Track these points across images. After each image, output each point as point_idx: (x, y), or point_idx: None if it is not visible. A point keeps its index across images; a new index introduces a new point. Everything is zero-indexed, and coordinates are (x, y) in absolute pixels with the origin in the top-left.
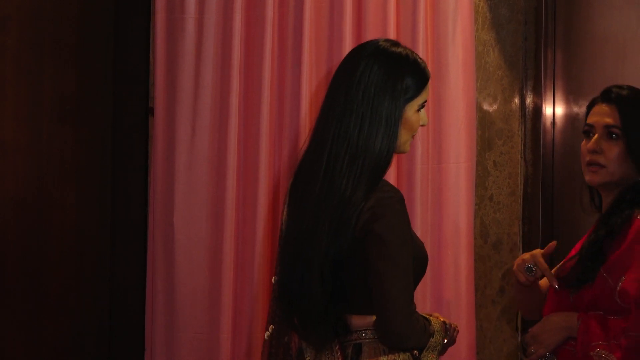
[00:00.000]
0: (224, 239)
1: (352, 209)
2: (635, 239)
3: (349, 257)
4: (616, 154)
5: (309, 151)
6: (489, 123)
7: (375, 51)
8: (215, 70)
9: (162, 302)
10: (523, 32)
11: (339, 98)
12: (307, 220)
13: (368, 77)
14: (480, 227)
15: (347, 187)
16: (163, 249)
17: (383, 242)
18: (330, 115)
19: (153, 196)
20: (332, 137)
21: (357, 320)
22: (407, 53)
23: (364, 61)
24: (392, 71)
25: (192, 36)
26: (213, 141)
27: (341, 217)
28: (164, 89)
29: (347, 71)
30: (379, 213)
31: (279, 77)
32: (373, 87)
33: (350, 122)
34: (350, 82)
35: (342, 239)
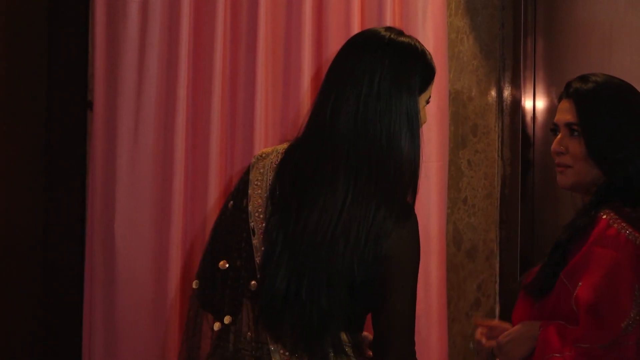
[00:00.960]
0: (170, 247)
1: (385, 226)
2: (595, 241)
3: (373, 277)
4: (580, 153)
5: (307, 149)
6: (463, 118)
7: (381, 43)
8: (161, 59)
9: (101, 318)
10: (500, 18)
11: (349, 96)
12: (329, 229)
13: (380, 71)
14: (453, 232)
15: (379, 205)
16: (102, 257)
17: (401, 274)
18: (339, 114)
19: (91, 199)
20: (347, 137)
21: (357, 338)
22: (415, 43)
23: (370, 54)
24: (403, 64)
25: (136, 21)
26: (158, 138)
27: (368, 236)
28: (104, 80)
29: (352, 66)
30: (401, 239)
31: (231, 66)
32: (388, 82)
33: (370, 121)
34: (360, 77)
35: (371, 254)
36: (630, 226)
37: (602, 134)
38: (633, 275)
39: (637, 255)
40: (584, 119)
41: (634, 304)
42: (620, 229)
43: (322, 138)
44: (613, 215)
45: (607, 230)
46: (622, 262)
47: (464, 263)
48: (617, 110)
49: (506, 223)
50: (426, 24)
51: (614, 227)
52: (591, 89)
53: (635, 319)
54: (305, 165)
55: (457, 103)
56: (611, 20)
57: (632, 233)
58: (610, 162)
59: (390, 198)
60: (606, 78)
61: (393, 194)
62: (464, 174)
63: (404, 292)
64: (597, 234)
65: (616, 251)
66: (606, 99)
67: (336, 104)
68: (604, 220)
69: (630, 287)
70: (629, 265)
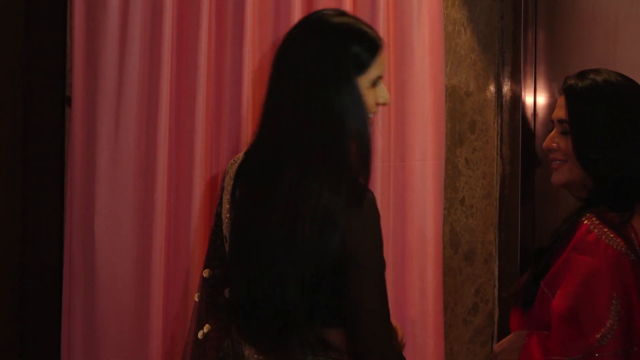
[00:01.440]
0: (153, 250)
1: (333, 210)
2: (574, 247)
3: (331, 267)
4: (569, 151)
5: (258, 145)
6: (460, 114)
7: (314, 23)
8: (143, 52)
9: (81, 324)
10: (499, 10)
11: (284, 82)
12: (275, 223)
13: (309, 53)
14: (450, 234)
15: (322, 187)
16: (82, 260)
17: (360, 260)
18: (279, 102)
19: (70, 199)
20: (287, 128)
21: (337, 337)
22: (352, 22)
23: (303, 35)
24: (334, 44)
25: (116, 12)
26: (140, 135)
27: (323, 221)
28: (83, 74)
29: (287, 48)
30: (355, 224)
31: (216, 60)
32: (316, 68)
33: (304, 110)
34: (292, 61)
35: (323, 244)
36: (612, 231)
37: (588, 134)
38: (612, 283)
39: (617, 262)
40: (573, 117)
41: (611, 313)
42: (600, 235)
43: (267, 134)
44: (594, 220)
45: (587, 236)
46: (600, 269)
47: (462, 267)
48: (608, 112)
49: (505, 225)
50: (421, 16)
51: (594, 233)
52: (585, 86)
53: (613, 329)
54: (256, 163)
55: (454, 99)
56: (616, 11)
57: (613, 239)
58: (593, 163)
59: (336, 184)
60: (606, 76)
61: (338, 179)
62: (462, 173)
63: (365, 280)
64: (576, 240)
65: (595, 258)
66: (598, 98)
67: (276, 97)
68: (584, 225)
69: (608, 296)
70: (608, 273)
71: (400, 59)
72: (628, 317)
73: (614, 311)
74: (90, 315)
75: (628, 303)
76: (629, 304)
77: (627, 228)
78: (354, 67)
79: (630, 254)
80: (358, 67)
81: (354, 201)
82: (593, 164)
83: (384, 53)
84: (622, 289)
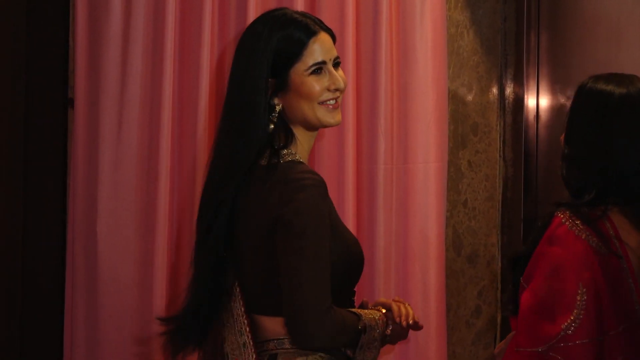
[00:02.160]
0: (156, 251)
1: (220, 195)
2: (546, 239)
3: (259, 247)
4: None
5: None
6: (463, 117)
7: (249, 26)
8: (145, 54)
9: (83, 326)
10: (502, 12)
11: (229, 86)
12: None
13: (240, 52)
14: (453, 237)
15: (215, 173)
16: (84, 261)
17: (291, 230)
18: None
19: (73, 200)
20: (220, 129)
21: (271, 323)
22: (282, 14)
23: (240, 39)
24: (254, 39)
25: (119, 14)
26: (143, 136)
27: (213, 206)
28: (86, 76)
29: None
30: (287, 198)
31: (219, 61)
32: (234, 66)
33: (226, 102)
34: (233, 62)
35: (218, 226)
36: (583, 224)
37: (567, 128)
38: (578, 272)
39: (585, 253)
40: (568, 113)
41: (577, 302)
42: (571, 227)
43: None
44: (567, 213)
45: (557, 229)
46: (567, 259)
47: (464, 269)
48: (579, 109)
49: (508, 227)
50: (424, 18)
51: (564, 225)
52: (581, 87)
53: (579, 318)
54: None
55: (456, 101)
56: (619, 13)
57: (583, 230)
58: (567, 158)
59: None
60: (586, 81)
61: (232, 162)
62: (464, 175)
63: (296, 258)
64: (548, 233)
65: (562, 249)
66: (577, 96)
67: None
68: (557, 218)
69: (574, 285)
70: (575, 263)
71: (403, 61)
72: (596, 307)
73: (580, 300)
74: (92, 317)
75: (596, 293)
76: (597, 295)
77: (603, 223)
78: (285, 57)
79: (601, 247)
80: (283, 63)
81: (292, 178)
82: (565, 158)
83: (322, 39)
84: (589, 279)
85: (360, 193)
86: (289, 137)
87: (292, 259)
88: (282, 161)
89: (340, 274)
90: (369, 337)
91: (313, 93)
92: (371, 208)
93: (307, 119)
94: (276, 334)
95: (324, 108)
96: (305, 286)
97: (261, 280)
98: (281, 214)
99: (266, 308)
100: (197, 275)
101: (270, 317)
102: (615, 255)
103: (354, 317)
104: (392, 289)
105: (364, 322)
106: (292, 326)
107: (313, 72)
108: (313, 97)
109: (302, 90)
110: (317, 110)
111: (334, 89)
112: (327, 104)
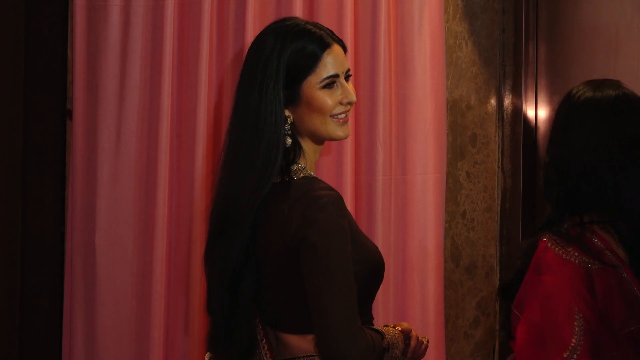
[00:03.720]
0: (154, 263)
1: (236, 209)
2: (534, 268)
3: (283, 268)
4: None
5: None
6: (461, 128)
7: (259, 36)
8: (144, 65)
9: (82, 336)
10: (500, 23)
11: (236, 97)
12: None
13: (246, 64)
14: (452, 248)
15: (230, 186)
16: (83, 274)
17: (316, 252)
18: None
19: (71, 213)
20: (228, 135)
21: (295, 340)
22: (295, 24)
23: (250, 50)
24: (266, 51)
25: (117, 27)
26: (141, 148)
27: (226, 221)
28: (84, 88)
29: (243, 66)
30: (310, 218)
31: (217, 73)
32: (247, 74)
33: (234, 115)
34: (242, 75)
35: (234, 245)
36: (570, 245)
37: (551, 139)
38: (571, 298)
39: (577, 275)
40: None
41: (575, 329)
42: (558, 251)
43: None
44: (551, 236)
45: (544, 255)
46: (559, 286)
47: (463, 280)
48: (558, 119)
49: (507, 238)
50: (422, 29)
51: (551, 250)
52: (570, 92)
53: (579, 345)
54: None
55: (455, 112)
56: (617, 23)
57: (571, 252)
58: (545, 170)
59: (244, 181)
60: (594, 92)
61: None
62: (463, 186)
63: (324, 280)
64: (535, 261)
65: (553, 276)
66: (560, 103)
67: (233, 109)
68: (542, 243)
69: (569, 311)
70: (568, 288)
71: (402, 72)
72: (592, 331)
73: (577, 327)
74: (91, 327)
75: (591, 317)
76: (592, 318)
77: (589, 238)
78: (290, 76)
79: (594, 263)
80: (296, 76)
81: (313, 196)
82: (544, 170)
83: (335, 51)
84: (583, 302)
85: (358, 204)
86: (296, 150)
87: (320, 281)
88: (296, 177)
89: (363, 282)
90: (392, 355)
91: (325, 107)
92: (370, 219)
93: (317, 132)
94: (304, 351)
95: (334, 122)
96: (335, 308)
97: (284, 299)
98: (305, 236)
99: (291, 326)
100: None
101: (296, 335)
102: (611, 267)
103: (378, 335)
104: (390, 299)
105: (387, 339)
106: (324, 348)
107: (325, 86)
108: (325, 110)
109: (314, 103)
110: (328, 124)
111: (346, 103)
112: (338, 117)
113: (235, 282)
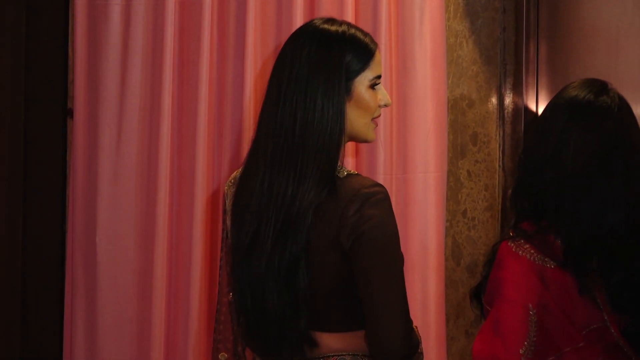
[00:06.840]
0: (155, 262)
1: (298, 206)
2: (495, 265)
3: (332, 264)
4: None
5: (251, 150)
6: (462, 126)
7: (306, 32)
8: (144, 64)
9: (82, 336)
10: (501, 22)
11: (273, 88)
12: (250, 224)
13: (300, 60)
14: (452, 247)
15: (289, 184)
16: (83, 272)
17: (376, 247)
18: (268, 108)
19: (72, 212)
20: (270, 132)
21: (330, 340)
22: (343, 29)
23: (296, 44)
24: (326, 50)
25: (118, 25)
26: (142, 147)
27: (285, 218)
28: (85, 87)
29: (281, 57)
30: (367, 215)
31: (219, 71)
32: (306, 70)
33: (285, 112)
34: (283, 68)
35: (291, 241)
36: (527, 243)
37: (526, 142)
38: (525, 294)
39: (531, 272)
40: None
41: (529, 325)
42: (516, 248)
43: (256, 139)
44: (512, 235)
45: (504, 252)
46: (512, 281)
47: (464, 279)
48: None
49: None
50: (423, 28)
51: (509, 247)
52: (557, 94)
53: (533, 340)
54: (245, 168)
55: (456, 110)
56: (618, 22)
57: (527, 250)
58: (516, 171)
59: (307, 182)
60: (570, 94)
61: (310, 180)
62: (464, 185)
63: (386, 275)
64: (498, 258)
65: (508, 272)
66: (548, 111)
67: (267, 100)
68: (503, 242)
69: (523, 308)
70: (522, 285)
71: (402, 70)
72: (547, 327)
73: (531, 322)
74: (92, 327)
75: (545, 313)
76: (546, 314)
77: (549, 236)
78: (351, 68)
79: (549, 262)
80: (355, 68)
81: (328, 192)
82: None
83: (378, 54)
84: (537, 298)
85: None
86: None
87: (379, 276)
88: (340, 175)
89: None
90: (419, 350)
91: (371, 107)
92: None
93: (359, 131)
94: (333, 350)
95: (372, 124)
96: (394, 302)
97: (327, 297)
98: (362, 231)
99: (328, 325)
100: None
101: (330, 334)
102: (567, 267)
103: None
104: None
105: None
106: (381, 341)
107: (372, 86)
108: (371, 110)
109: (362, 102)
110: (369, 125)
111: (384, 105)
112: (375, 120)
113: (292, 279)
